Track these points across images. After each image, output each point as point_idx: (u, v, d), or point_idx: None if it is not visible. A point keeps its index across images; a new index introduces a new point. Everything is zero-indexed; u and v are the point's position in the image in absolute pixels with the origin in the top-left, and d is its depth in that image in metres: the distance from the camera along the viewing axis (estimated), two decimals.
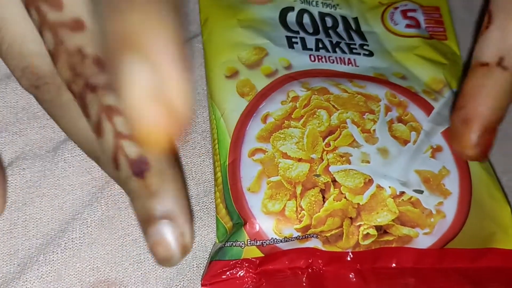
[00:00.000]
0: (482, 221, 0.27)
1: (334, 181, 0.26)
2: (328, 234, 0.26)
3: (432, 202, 0.27)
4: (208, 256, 0.26)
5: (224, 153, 0.27)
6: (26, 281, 0.25)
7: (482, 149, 0.26)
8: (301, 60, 0.29)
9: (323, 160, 0.26)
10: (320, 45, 0.30)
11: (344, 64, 0.30)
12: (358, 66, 0.30)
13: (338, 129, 0.27)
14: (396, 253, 0.26)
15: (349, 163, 0.26)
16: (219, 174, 0.27)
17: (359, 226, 0.26)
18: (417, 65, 0.31)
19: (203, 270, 0.26)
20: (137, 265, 0.25)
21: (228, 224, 0.26)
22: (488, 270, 0.27)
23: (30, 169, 0.27)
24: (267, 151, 0.26)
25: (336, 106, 0.28)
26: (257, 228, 0.25)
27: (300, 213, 0.25)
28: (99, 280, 0.25)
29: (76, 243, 0.26)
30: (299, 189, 0.26)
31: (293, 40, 0.30)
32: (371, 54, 0.31)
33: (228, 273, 0.25)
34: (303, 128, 0.27)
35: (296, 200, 0.25)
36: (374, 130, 0.27)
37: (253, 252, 0.25)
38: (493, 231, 0.28)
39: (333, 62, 0.30)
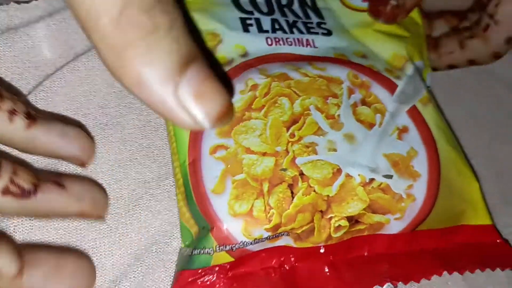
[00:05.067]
0: (452, 199, 0.25)
1: (301, 174, 0.23)
2: (299, 231, 0.22)
3: (402, 186, 0.24)
4: (167, 241, 0.23)
5: (183, 152, 0.23)
6: None
7: None
8: (257, 45, 0.25)
9: (288, 152, 0.23)
10: (277, 26, 0.26)
11: (303, 45, 0.26)
12: (317, 47, 0.26)
13: (302, 117, 0.24)
14: (368, 241, 0.24)
15: (316, 153, 0.23)
16: (179, 175, 0.23)
17: (330, 218, 0.23)
18: (376, 41, 0.27)
19: (162, 255, 0.22)
20: (91, 251, 0.21)
21: (194, 229, 0.23)
22: (459, 247, 0.25)
23: None
24: (229, 147, 0.23)
25: (297, 92, 0.24)
26: (225, 233, 0.22)
27: (269, 212, 0.22)
28: None
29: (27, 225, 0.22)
30: (266, 186, 0.22)
31: (248, 22, 0.26)
32: (329, 33, 0.27)
33: (198, 281, 0.22)
34: (265, 119, 0.23)
35: (263, 198, 0.22)
36: (338, 116, 0.24)
37: (222, 258, 0.22)
38: (463, 209, 0.25)
39: (291, 44, 0.26)
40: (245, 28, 0.26)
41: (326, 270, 0.24)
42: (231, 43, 0.26)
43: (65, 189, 0.19)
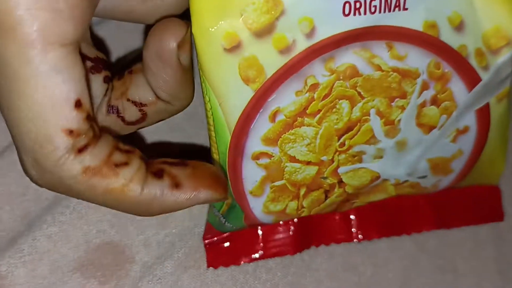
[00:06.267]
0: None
1: (340, 181, 0.23)
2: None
3: (431, 182, 0.25)
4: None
5: (223, 147, 0.22)
6: (34, 239, 0.25)
7: None
8: (330, 16, 0.20)
9: (333, 162, 0.23)
10: None
11: (389, 9, 0.20)
12: (407, 9, 0.20)
13: (358, 123, 0.22)
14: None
15: (360, 162, 0.23)
16: (216, 156, 0.23)
17: (353, 203, 0.25)
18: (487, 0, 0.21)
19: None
20: (140, 230, 0.25)
21: (228, 200, 0.25)
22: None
23: None
24: (274, 156, 0.22)
25: (362, 93, 0.21)
26: (257, 222, 0.24)
27: (300, 210, 0.24)
28: (105, 242, 0.25)
29: (83, 205, 0.25)
30: (303, 191, 0.23)
31: None
32: None
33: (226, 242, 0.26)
34: (317, 127, 0.22)
35: (298, 201, 0.23)
36: (399, 121, 0.22)
37: None
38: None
39: (374, 11, 0.20)
40: None
41: (337, 217, 0.27)
42: (297, 15, 0.20)
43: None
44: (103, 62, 0.20)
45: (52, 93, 0.16)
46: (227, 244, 0.25)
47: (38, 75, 0.15)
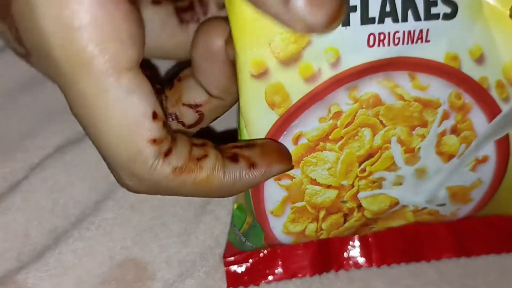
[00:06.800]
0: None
1: (359, 206, 0.24)
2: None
3: (450, 210, 0.25)
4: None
5: None
6: (61, 253, 0.25)
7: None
8: (355, 47, 0.20)
9: (353, 186, 0.23)
10: (388, 8, 0.20)
11: (412, 41, 0.21)
12: (429, 41, 0.21)
13: (379, 151, 0.22)
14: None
15: (380, 188, 0.23)
16: None
17: (372, 228, 0.25)
18: (508, 32, 0.22)
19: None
20: (163, 248, 0.26)
21: (249, 219, 0.25)
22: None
23: (71, 152, 0.26)
24: (295, 178, 0.22)
25: (384, 121, 0.22)
26: (276, 242, 0.24)
27: (319, 232, 0.24)
28: (128, 259, 0.26)
29: (109, 222, 0.26)
30: (322, 214, 0.24)
31: (352, 2, 0.20)
32: (453, 12, 0.21)
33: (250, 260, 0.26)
34: (339, 152, 0.22)
35: (317, 223, 0.24)
36: (419, 149, 0.23)
37: None
38: None
39: (398, 42, 0.21)
40: (346, 16, 0.20)
41: (356, 242, 0.27)
42: (323, 45, 0.20)
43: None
44: (153, 77, 0.21)
45: (133, 112, 0.18)
46: (247, 263, 0.25)
47: (117, 99, 0.17)
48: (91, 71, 0.17)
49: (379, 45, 0.20)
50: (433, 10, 0.20)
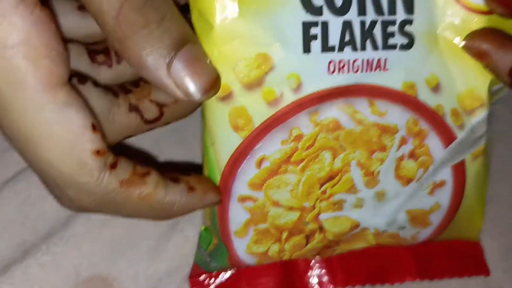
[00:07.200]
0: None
1: (321, 227, 0.24)
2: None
3: (411, 233, 0.26)
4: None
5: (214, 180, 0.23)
6: (27, 266, 0.25)
7: None
8: (316, 74, 0.21)
9: (315, 208, 0.23)
10: (347, 37, 0.21)
11: (371, 69, 0.22)
12: (387, 70, 0.22)
13: (340, 173, 0.23)
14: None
15: (341, 210, 0.24)
16: None
17: (334, 250, 0.26)
18: (460, 63, 0.22)
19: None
20: (131, 264, 0.26)
21: (215, 240, 0.25)
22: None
23: None
24: (258, 200, 0.23)
25: (344, 145, 0.22)
26: (240, 263, 0.25)
27: (282, 253, 0.25)
28: (94, 275, 0.26)
29: (78, 238, 0.26)
30: (285, 235, 0.24)
31: (312, 31, 0.21)
32: (410, 43, 0.22)
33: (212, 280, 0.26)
34: (300, 174, 0.23)
35: (280, 244, 0.24)
36: (378, 172, 0.23)
37: None
38: None
39: (357, 70, 0.22)
40: (307, 44, 0.21)
41: (320, 263, 0.28)
42: (285, 71, 0.21)
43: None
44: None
45: (72, 125, 0.18)
46: (212, 284, 0.26)
47: (55, 114, 0.17)
48: (27, 88, 0.17)
49: (339, 72, 0.21)
50: (391, 41, 0.21)
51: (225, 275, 0.26)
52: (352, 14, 0.20)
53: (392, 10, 0.21)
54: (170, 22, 0.18)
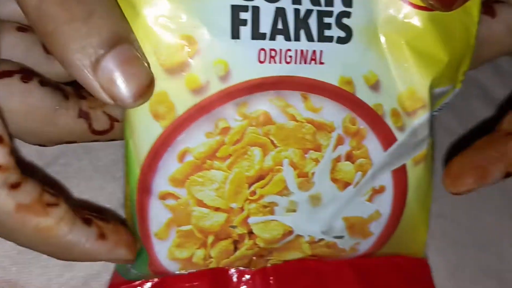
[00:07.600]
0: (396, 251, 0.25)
1: (250, 232, 0.22)
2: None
3: (349, 244, 0.24)
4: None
5: (133, 183, 0.21)
6: None
7: None
8: (245, 62, 0.19)
9: (243, 210, 0.21)
10: (279, 25, 0.19)
11: (305, 62, 0.20)
12: (323, 63, 0.20)
13: (271, 173, 0.21)
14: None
15: (272, 214, 0.22)
16: (127, 191, 0.22)
17: (268, 260, 0.23)
18: (401, 60, 0.21)
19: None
20: (44, 270, 0.23)
21: (138, 245, 0.23)
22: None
23: None
24: (180, 198, 0.21)
25: (275, 142, 0.21)
26: (162, 270, 0.22)
27: (208, 260, 0.22)
28: (4, 280, 0.23)
29: None
30: (210, 239, 0.22)
31: (241, 16, 0.19)
32: (347, 37, 0.20)
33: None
34: (227, 172, 0.21)
35: (205, 249, 0.22)
36: (313, 174, 0.21)
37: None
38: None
39: (290, 61, 0.20)
40: (235, 29, 0.19)
41: (254, 276, 0.25)
42: (211, 56, 0.19)
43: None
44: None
45: None
46: None
47: None
48: None
49: (270, 61, 0.19)
50: (327, 33, 0.20)
51: (146, 285, 0.23)
52: (286, 1, 0.19)
53: (329, 1, 0.20)
54: (101, 19, 0.17)
